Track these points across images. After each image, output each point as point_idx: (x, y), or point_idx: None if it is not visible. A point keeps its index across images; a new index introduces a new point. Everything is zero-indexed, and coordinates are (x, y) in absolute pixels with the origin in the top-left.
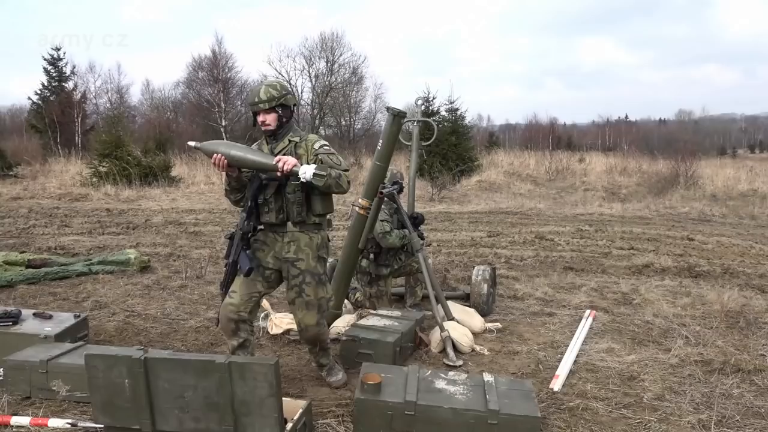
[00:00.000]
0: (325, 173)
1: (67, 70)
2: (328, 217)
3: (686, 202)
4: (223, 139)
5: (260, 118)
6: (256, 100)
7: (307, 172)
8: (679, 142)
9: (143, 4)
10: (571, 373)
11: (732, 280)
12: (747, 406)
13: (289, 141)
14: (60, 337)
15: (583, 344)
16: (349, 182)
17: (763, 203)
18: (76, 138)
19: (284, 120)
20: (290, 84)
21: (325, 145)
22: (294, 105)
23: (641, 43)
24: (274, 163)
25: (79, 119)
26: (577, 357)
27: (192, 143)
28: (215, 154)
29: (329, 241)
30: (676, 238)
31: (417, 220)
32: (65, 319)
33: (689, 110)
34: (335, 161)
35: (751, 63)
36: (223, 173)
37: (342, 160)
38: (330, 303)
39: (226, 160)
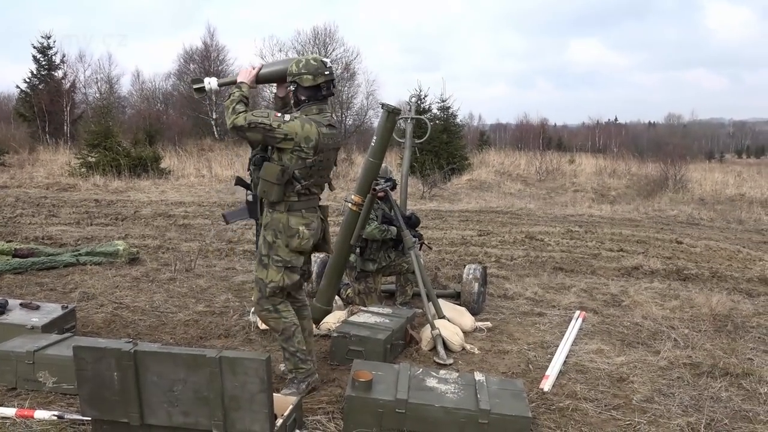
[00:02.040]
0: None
1: (57, 59)
2: (296, 197)
3: (675, 206)
4: (215, 133)
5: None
6: None
7: (212, 82)
8: (668, 146)
9: None
10: (561, 373)
11: (720, 283)
12: (735, 409)
13: None
14: (47, 328)
15: (572, 345)
16: (234, 125)
17: (751, 208)
18: (65, 127)
19: (289, 97)
20: None
21: (280, 111)
22: (310, 86)
23: (631, 46)
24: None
25: (68, 109)
26: (566, 357)
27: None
28: None
29: (298, 227)
30: (664, 241)
31: (411, 221)
32: (53, 310)
33: (678, 114)
34: (256, 113)
35: (738, 69)
36: None
37: (263, 119)
38: (268, 290)
39: None
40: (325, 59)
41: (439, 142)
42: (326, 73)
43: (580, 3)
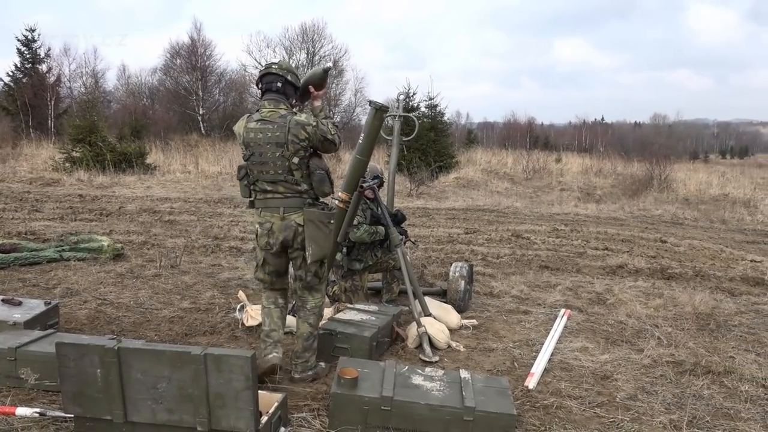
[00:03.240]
0: None
1: (42, 52)
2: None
3: (659, 205)
4: (201, 128)
5: None
6: None
7: None
8: (653, 146)
9: None
10: (546, 371)
11: (703, 282)
12: (717, 407)
13: None
14: (29, 324)
15: (557, 343)
16: None
17: (734, 208)
18: (49, 122)
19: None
20: None
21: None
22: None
23: (616, 46)
24: None
25: (53, 103)
26: (551, 355)
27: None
28: None
29: (255, 224)
30: (649, 240)
31: (398, 218)
32: (35, 306)
33: (664, 114)
34: None
35: (723, 70)
36: None
37: None
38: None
39: None
40: (273, 60)
41: (427, 140)
42: (261, 69)
43: (562, 2)
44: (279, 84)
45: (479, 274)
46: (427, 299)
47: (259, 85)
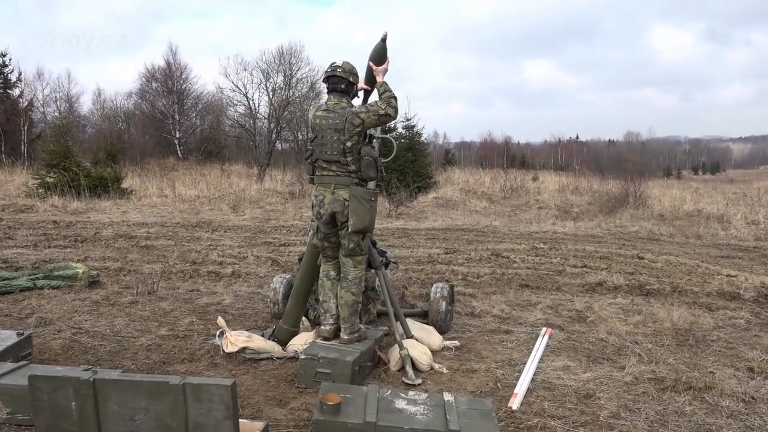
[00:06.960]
0: None
1: (13, 77)
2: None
3: (635, 222)
4: (178, 152)
5: None
6: None
7: None
8: (627, 163)
9: (82, 9)
10: (529, 391)
11: (681, 298)
12: (699, 423)
13: None
14: (1, 356)
15: (539, 362)
16: None
17: (708, 223)
18: (22, 147)
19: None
20: (247, 97)
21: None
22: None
23: (581, 66)
24: None
25: (26, 128)
26: (534, 375)
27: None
28: None
29: (312, 197)
30: (626, 257)
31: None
32: (7, 337)
33: (637, 132)
34: None
35: (687, 88)
36: None
37: None
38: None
39: None
40: (336, 61)
41: (405, 161)
42: (327, 70)
43: (525, 25)
44: (343, 86)
45: (460, 294)
46: (409, 321)
47: (326, 84)
